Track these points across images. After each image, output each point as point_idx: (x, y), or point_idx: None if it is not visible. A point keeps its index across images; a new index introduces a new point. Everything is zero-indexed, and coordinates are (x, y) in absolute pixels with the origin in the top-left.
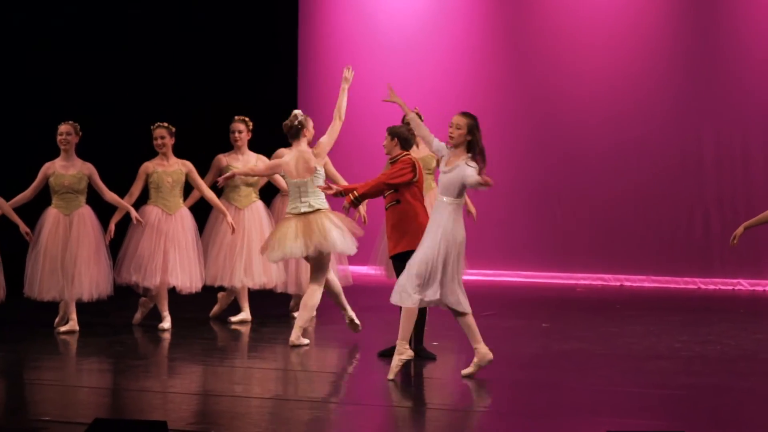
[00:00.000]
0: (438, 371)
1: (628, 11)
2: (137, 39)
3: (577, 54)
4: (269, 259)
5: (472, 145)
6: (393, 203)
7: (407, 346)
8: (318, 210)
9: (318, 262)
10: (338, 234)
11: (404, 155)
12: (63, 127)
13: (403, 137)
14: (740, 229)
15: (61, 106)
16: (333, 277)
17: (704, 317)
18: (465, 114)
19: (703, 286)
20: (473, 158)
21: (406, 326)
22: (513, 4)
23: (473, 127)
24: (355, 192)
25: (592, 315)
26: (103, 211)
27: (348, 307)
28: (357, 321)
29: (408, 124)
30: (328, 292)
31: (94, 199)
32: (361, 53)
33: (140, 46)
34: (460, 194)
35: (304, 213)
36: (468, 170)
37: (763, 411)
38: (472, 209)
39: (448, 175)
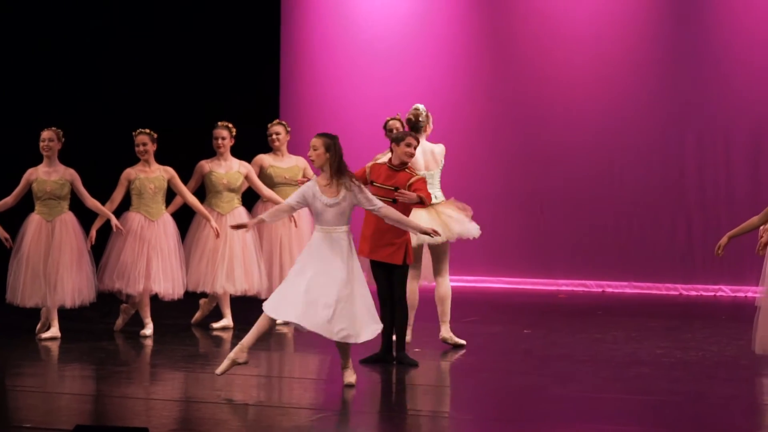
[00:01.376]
0: (420, 378)
1: (610, 18)
2: (119, 45)
3: (559, 60)
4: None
5: (333, 162)
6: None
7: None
8: (442, 201)
9: (442, 252)
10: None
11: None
12: (45, 134)
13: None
14: (724, 239)
15: (43, 112)
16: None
17: (686, 323)
18: (319, 135)
19: (684, 293)
20: (349, 178)
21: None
22: (495, 10)
23: (330, 145)
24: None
25: (574, 321)
26: (85, 217)
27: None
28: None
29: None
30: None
31: (76, 205)
32: (342, 59)
33: (122, 52)
34: (348, 220)
35: (433, 205)
36: (366, 193)
37: (744, 417)
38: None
39: (341, 205)
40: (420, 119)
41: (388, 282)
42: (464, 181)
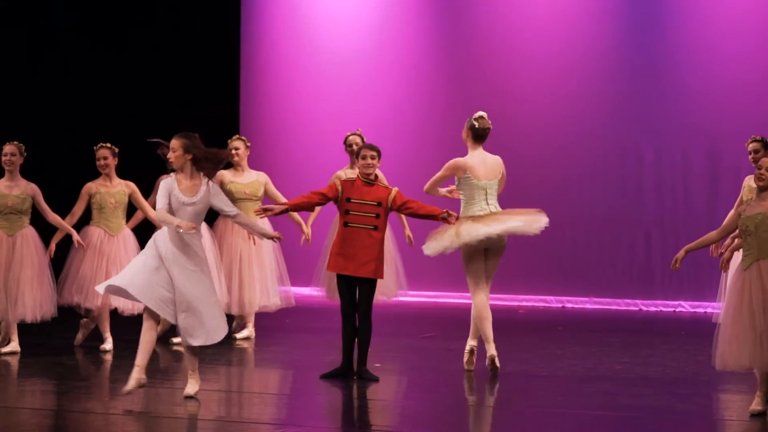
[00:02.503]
0: (381, 393)
1: (568, 34)
2: (80, 58)
3: (517, 76)
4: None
5: (197, 159)
6: (372, 227)
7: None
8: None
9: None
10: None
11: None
12: (7, 148)
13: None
14: (681, 253)
15: (5, 126)
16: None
17: (646, 339)
18: (177, 136)
19: (644, 308)
20: (208, 179)
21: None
22: (456, 27)
23: (189, 146)
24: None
25: (535, 336)
26: (47, 231)
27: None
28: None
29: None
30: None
31: (38, 219)
32: (303, 74)
33: (83, 65)
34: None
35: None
36: (223, 197)
37: None
38: (410, 233)
39: (197, 206)
40: (488, 126)
41: (354, 296)
42: (424, 195)
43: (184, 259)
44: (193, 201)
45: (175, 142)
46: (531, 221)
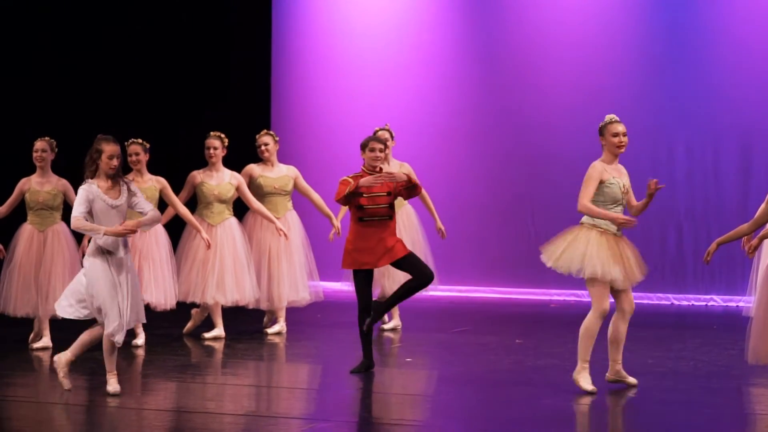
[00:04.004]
0: (412, 387)
1: (598, 23)
2: (109, 54)
3: (547, 67)
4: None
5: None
6: (387, 218)
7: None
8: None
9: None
10: None
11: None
12: (39, 144)
13: None
14: (713, 246)
15: (37, 123)
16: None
17: (677, 333)
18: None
19: (676, 302)
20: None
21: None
22: (484, 22)
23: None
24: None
25: (566, 331)
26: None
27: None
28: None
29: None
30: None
31: (69, 216)
32: (332, 69)
33: (114, 61)
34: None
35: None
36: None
37: (735, 427)
38: (441, 226)
39: (122, 207)
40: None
41: (371, 291)
42: (454, 191)
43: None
44: (119, 204)
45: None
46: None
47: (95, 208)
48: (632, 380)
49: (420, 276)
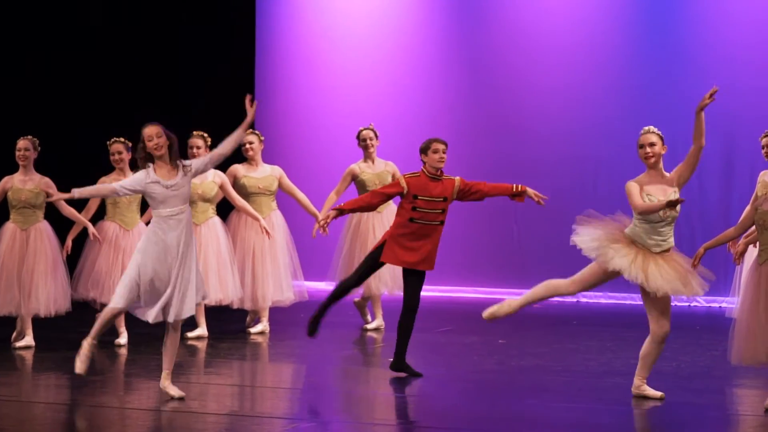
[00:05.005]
0: (396, 387)
1: (583, 28)
2: (96, 53)
3: (531, 71)
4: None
5: (173, 149)
6: (438, 223)
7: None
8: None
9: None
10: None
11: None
12: (21, 143)
13: None
14: (701, 251)
15: (21, 122)
16: None
17: None
18: (155, 124)
19: None
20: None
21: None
22: (474, 22)
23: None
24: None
25: (549, 331)
26: (61, 226)
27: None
28: None
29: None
30: None
31: (52, 213)
32: (317, 68)
33: (99, 59)
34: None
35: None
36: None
37: (718, 428)
38: None
39: (184, 188)
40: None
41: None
42: None
43: None
44: (174, 183)
45: (156, 129)
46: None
47: (155, 192)
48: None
49: (409, 301)
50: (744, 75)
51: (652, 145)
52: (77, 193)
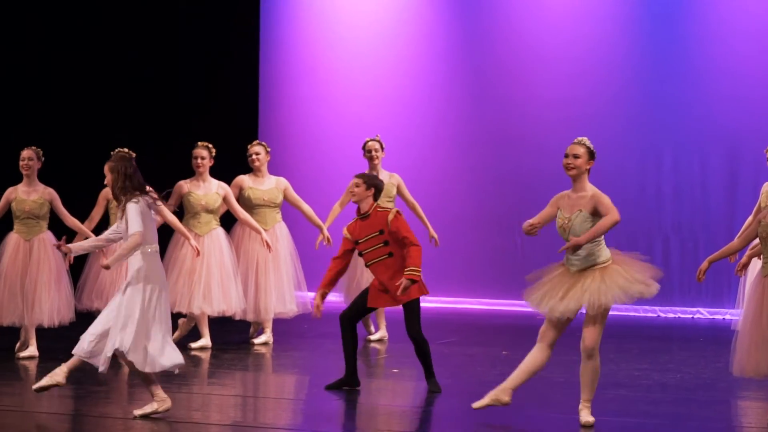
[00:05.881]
0: (399, 399)
1: (586, 39)
2: (99, 64)
3: (536, 82)
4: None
5: (125, 183)
6: (385, 256)
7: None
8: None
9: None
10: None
11: (382, 208)
12: (25, 153)
13: (379, 189)
14: (705, 264)
15: (23, 132)
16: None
17: (664, 345)
18: (109, 161)
19: (662, 315)
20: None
21: None
22: (475, 34)
23: (116, 168)
24: (414, 270)
25: None
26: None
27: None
28: None
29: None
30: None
31: (56, 224)
32: (322, 80)
33: (99, 69)
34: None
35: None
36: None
37: None
38: (434, 234)
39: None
40: None
41: (364, 311)
42: (443, 202)
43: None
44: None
45: (105, 167)
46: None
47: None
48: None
49: (409, 333)
50: (748, 87)
51: (576, 156)
52: (75, 250)
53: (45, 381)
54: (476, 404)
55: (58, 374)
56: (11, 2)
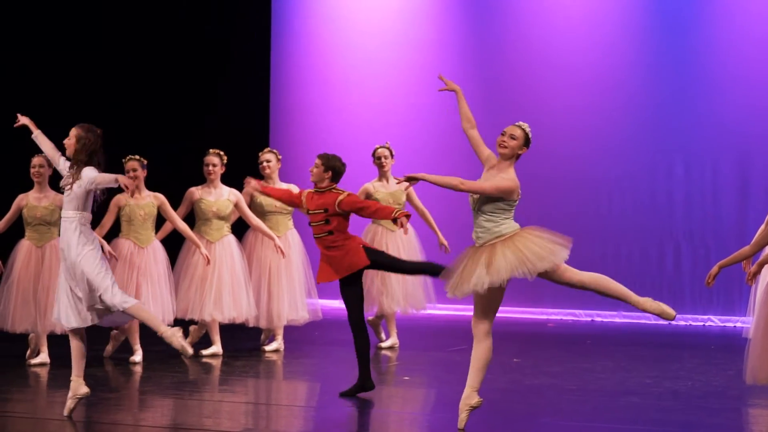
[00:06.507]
0: (410, 406)
1: (600, 46)
2: (108, 70)
3: (547, 88)
4: None
5: (90, 153)
6: (325, 234)
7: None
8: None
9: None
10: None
11: (337, 190)
12: (36, 160)
13: (337, 172)
14: (715, 269)
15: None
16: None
17: (675, 353)
18: (79, 125)
19: (673, 322)
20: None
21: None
22: (486, 35)
23: (83, 139)
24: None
25: (563, 350)
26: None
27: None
28: None
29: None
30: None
31: None
32: (333, 86)
33: (111, 74)
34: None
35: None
36: (89, 172)
37: None
38: (444, 241)
39: (76, 191)
40: None
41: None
42: (452, 209)
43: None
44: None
45: (72, 131)
46: None
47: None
48: None
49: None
50: (759, 94)
51: (512, 137)
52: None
53: (70, 403)
54: (461, 424)
55: (77, 387)
56: (26, 4)
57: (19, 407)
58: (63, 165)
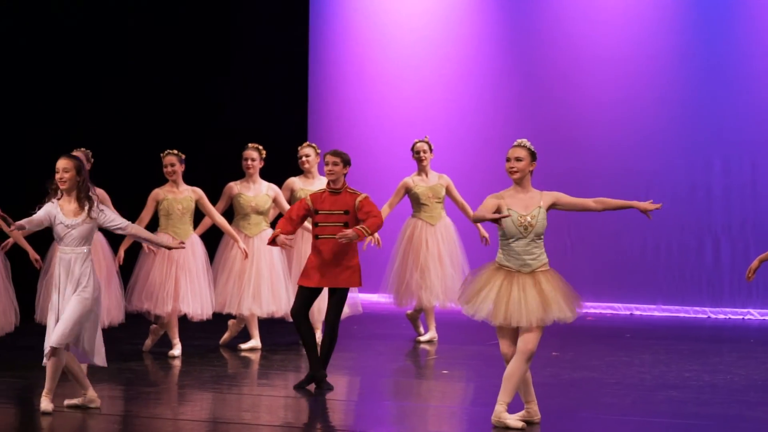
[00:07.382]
0: (449, 400)
1: (635, 40)
2: (145, 65)
3: (584, 83)
4: None
5: (87, 185)
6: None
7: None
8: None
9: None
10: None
11: (351, 190)
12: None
13: (349, 166)
14: (755, 263)
15: (70, 133)
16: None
17: (714, 347)
18: (65, 157)
19: (713, 315)
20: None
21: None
22: (523, 30)
23: (81, 170)
24: (365, 230)
25: (602, 344)
26: (115, 238)
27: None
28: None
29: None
30: None
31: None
32: (371, 81)
33: (148, 72)
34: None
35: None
36: (109, 214)
37: None
38: (485, 234)
39: (81, 228)
40: None
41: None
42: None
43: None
44: (76, 222)
45: (67, 163)
46: None
47: (55, 228)
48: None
49: (327, 332)
50: None
51: (518, 159)
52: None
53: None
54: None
55: (90, 398)
56: (61, 7)
57: (59, 401)
58: (55, 211)
